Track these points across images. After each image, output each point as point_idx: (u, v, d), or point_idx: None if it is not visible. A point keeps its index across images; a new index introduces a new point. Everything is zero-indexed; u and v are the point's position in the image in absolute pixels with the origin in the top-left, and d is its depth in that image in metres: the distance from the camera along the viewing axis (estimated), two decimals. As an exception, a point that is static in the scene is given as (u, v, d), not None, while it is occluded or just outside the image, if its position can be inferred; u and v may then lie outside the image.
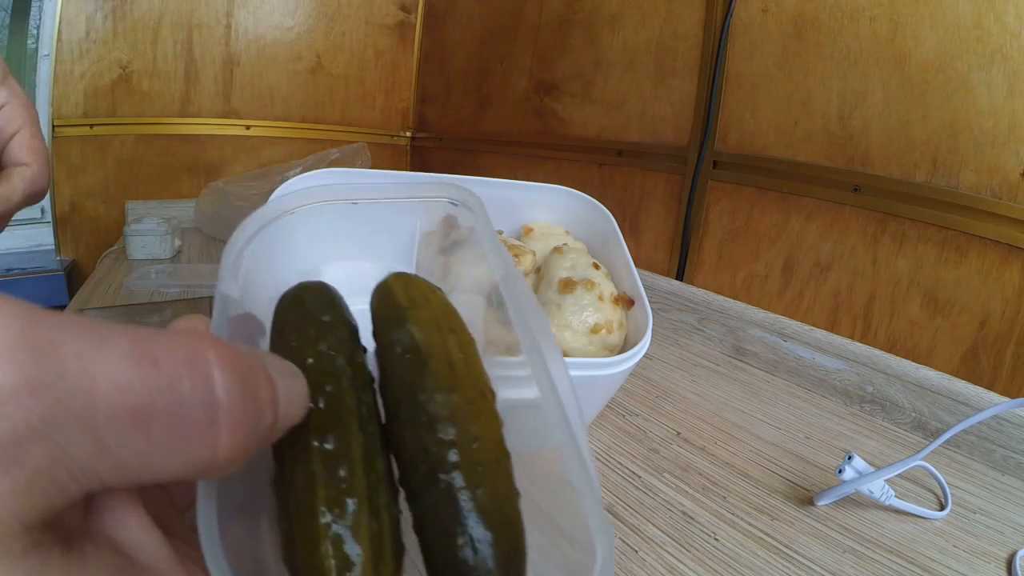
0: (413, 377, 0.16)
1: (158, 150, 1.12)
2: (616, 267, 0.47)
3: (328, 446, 0.14)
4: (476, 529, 0.14)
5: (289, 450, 0.14)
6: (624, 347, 0.43)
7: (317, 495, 0.14)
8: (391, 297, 0.18)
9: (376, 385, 0.17)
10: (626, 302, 0.44)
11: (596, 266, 0.45)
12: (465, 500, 0.14)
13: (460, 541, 0.14)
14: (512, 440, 0.31)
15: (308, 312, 0.17)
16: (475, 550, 0.13)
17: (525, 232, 0.54)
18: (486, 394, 0.17)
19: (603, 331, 0.42)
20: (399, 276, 0.19)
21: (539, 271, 0.48)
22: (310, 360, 0.16)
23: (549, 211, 0.55)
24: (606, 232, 0.51)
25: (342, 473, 0.14)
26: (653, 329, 0.40)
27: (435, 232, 0.54)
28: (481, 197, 0.58)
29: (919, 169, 0.54)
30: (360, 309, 0.50)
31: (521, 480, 0.15)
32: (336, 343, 0.16)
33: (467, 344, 0.17)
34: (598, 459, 0.43)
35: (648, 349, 0.39)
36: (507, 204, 0.55)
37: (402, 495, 0.16)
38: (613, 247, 0.49)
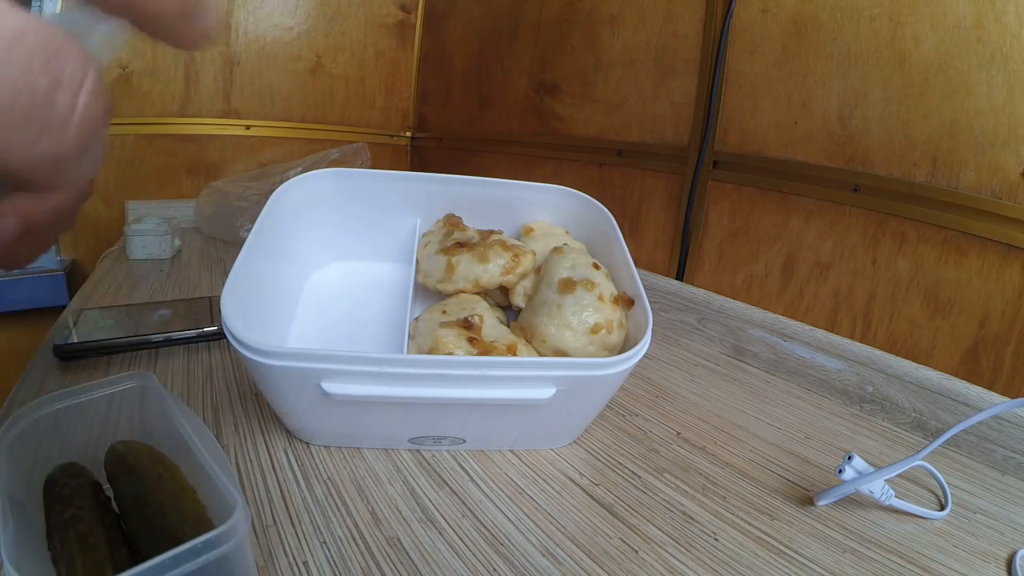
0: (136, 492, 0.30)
1: (158, 150, 1.12)
2: (616, 267, 0.47)
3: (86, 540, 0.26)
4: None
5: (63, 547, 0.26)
6: (624, 347, 0.43)
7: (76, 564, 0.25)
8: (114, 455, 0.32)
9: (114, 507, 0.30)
10: (626, 302, 0.44)
11: (596, 266, 0.45)
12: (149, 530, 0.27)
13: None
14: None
15: (61, 486, 0.29)
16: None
17: (525, 232, 0.55)
18: (186, 491, 0.30)
19: (603, 331, 0.42)
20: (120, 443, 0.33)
21: (539, 271, 0.48)
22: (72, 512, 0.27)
23: (549, 211, 0.55)
24: (606, 232, 0.51)
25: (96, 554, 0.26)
26: (653, 329, 0.40)
27: (435, 231, 0.54)
28: (481, 197, 0.59)
29: (919, 169, 0.54)
30: (361, 303, 0.52)
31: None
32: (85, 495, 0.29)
33: (171, 466, 0.31)
34: (598, 459, 0.43)
35: (648, 349, 0.39)
36: (507, 204, 0.55)
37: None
38: (613, 247, 0.49)
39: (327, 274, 0.54)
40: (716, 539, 0.36)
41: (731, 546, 0.35)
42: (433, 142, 1.36)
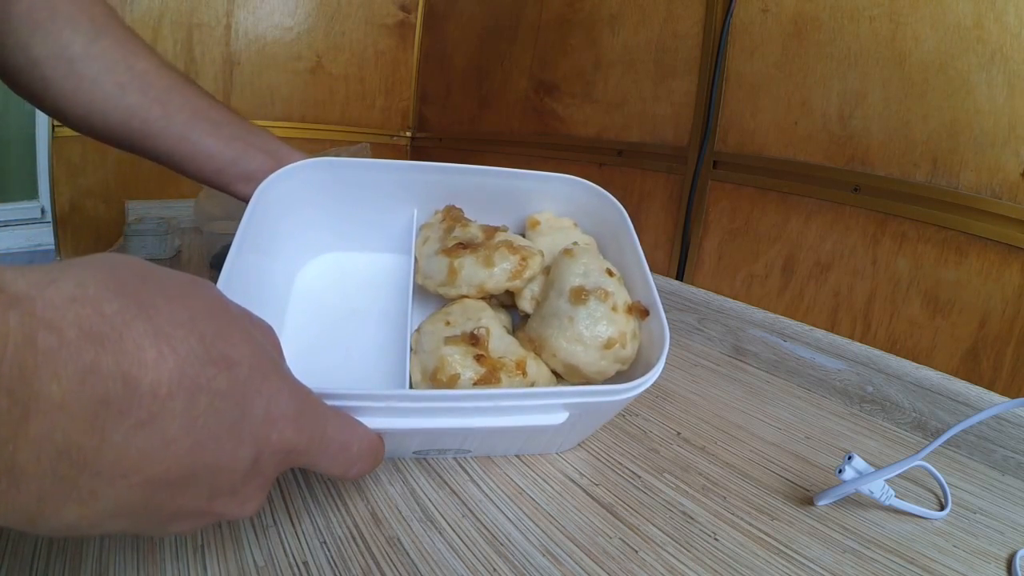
0: None
1: (158, 150, 1.12)
2: (628, 267, 0.45)
3: None
4: None
5: None
6: (637, 358, 0.42)
7: None
8: None
9: None
10: (640, 312, 0.42)
11: (610, 272, 0.43)
12: None
13: None
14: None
15: None
16: None
17: (531, 225, 0.52)
18: None
19: (616, 345, 0.40)
20: None
21: (547, 271, 0.46)
22: None
23: (555, 202, 0.53)
24: (616, 226, 0.48)
25: None
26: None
27: (434, 225, 0.50)
28: (482, 187, 0.54)
29: (919, 169, 0.54)
30: (359, 302, 0.52)
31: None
32: None
33: None
34: (598, 459, 0.43)
35: (662, 371, 0.37)
36: (512, 194, 0.52)
37: None
38: (624, 243, 0.47)
39: (319, 269, 0.51)
40: (716, 539, 0.36)
41: (731, 546, 0.35)
42: (433, 142, 1.36)
